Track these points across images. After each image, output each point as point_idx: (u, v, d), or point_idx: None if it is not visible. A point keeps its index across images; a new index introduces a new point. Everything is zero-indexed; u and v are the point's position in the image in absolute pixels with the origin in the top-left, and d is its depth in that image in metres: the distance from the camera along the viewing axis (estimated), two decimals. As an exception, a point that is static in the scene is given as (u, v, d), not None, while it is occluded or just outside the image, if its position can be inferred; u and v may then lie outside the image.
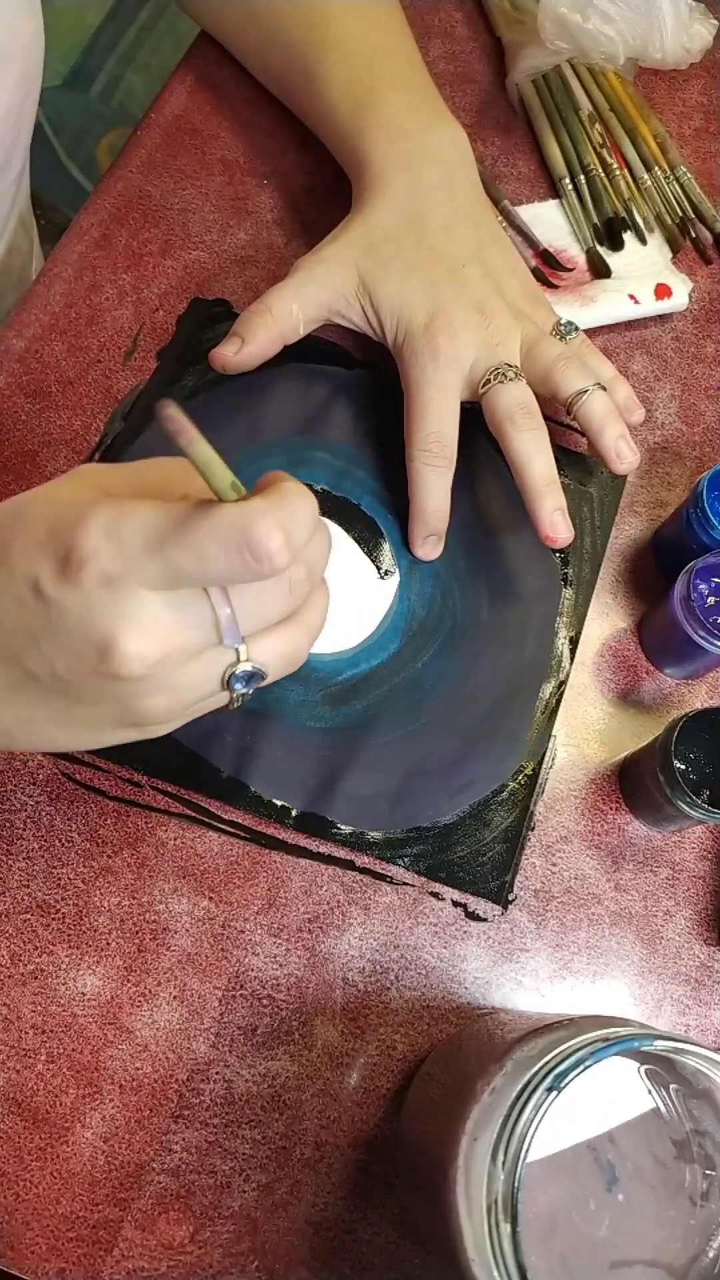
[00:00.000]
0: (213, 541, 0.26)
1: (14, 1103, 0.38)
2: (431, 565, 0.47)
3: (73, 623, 0.27)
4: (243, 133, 0.55)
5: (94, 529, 0.26)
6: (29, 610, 0.28)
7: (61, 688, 0.29)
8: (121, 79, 1.39)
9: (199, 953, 0.41)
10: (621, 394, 0.48)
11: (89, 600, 0.27)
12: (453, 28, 0.60)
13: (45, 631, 0.28)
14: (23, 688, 0.30)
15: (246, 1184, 0.38)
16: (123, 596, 0.27)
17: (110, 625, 0.27)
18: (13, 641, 0.29)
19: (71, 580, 0.27)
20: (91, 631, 0.27)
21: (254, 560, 0.26)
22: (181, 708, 0.30)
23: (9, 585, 0.28)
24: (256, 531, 0.26)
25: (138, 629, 0.27)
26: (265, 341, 0.45)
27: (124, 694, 0.29)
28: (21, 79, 0.46)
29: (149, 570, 0.27)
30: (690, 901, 0.44)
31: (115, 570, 0.26)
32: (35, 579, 0.27)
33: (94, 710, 0.30)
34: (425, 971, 0.42)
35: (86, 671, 0.28)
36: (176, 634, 0.28)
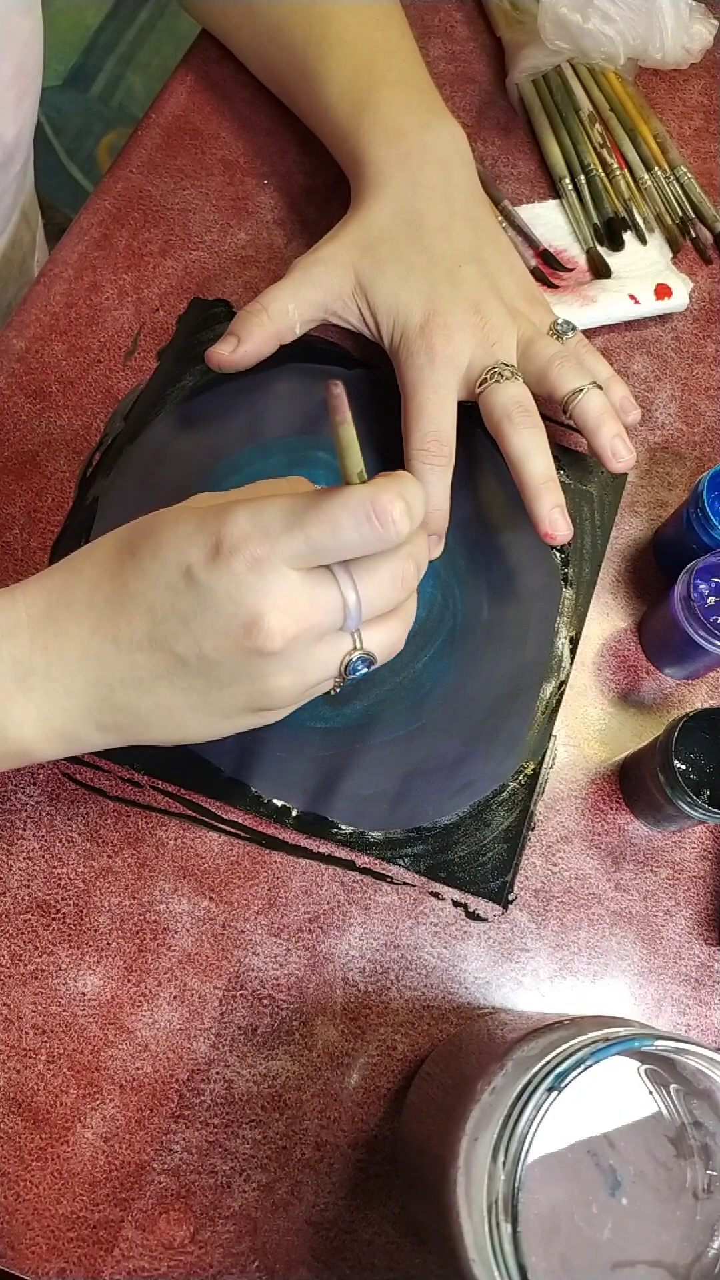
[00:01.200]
0: (344, 512, 0.30)
1: (14, 1103, 0.38)
2: (431, 565, 0.47)
3: (222, 601, 0.31)
4: (243, 133, 0.55)
5: (241, 517, 0.30)
6: (181, 595, 0.31)
7: (205, 669, 0.32)
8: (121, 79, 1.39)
9: (199, 953, 0.41)
10: (618, 393, 0.48)
11: (238, 581, 0.30)
12: (453, 27, 0.60)
13: (196, 613, 0.31)
14: (168, 673, 0.32)
15: (247, 1184, 0.38)
16: (267, 577, 0.30)
17: (257, 602, 0.30)
18: (164, 627, 0.32)
19: (222, 564, 0.30)
20: (240, 609, 0.30)
21: (380, 526, 0.30)
22: (302, 690, 0.33)
23: (162, 574, 0.31)
24: (381, 500, 0.30)
25: (279, 606, 0.30)
26: (260, 341, 0.46)
27: (260, 672, 0.32)
28: (19, 75, 0.46)
29: (290, 547, 0.30)
30: (690, 901, 0.44)
31: (261, 552, 0.30)
32: (188, 566, 0.31)
33: (229, 692, 0.33)
34: (425, 971, 0.42)
35: (231, 649, 0.31)
36: (312, 612, 0.31)
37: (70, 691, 0.33)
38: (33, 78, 0.48)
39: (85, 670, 0.33)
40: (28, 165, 0.57)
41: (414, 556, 0.33)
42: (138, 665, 0.32)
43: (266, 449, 0.48)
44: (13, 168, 0.52)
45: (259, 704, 0.33)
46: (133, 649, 0.32)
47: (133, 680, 0.33)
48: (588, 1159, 0.31)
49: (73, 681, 0.33)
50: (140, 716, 0.34)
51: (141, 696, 0.33)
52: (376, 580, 0.32)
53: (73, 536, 0.46)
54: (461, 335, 0.45)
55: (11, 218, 0.56)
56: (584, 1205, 0.30)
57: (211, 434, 0.48)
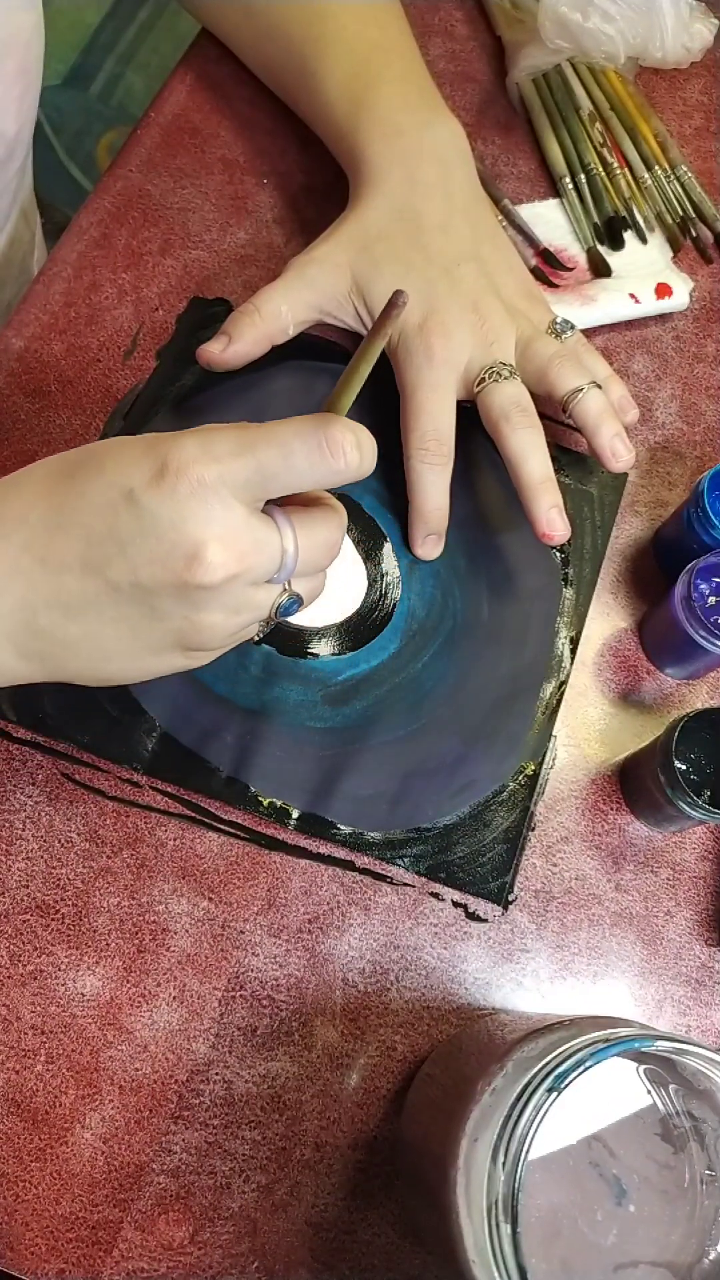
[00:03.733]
0: (298, 439, 0.30)
1: (13, 1103, 0.38)
2: (431, 565, 0.47)
3: (164, 528, 0.29)
4: (242, 132, 0.55)
5: (189, 441, 0.29)
6: (120, 518, 0.30)
7: (138, 597, 0.31)
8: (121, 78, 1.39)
9: (199, 953, 0.41)
10: (617, 393, 0.47)
11: (181, 507, 0.29)
12: (453, 26, 0.60)
13: (134, 537, 0.30)
14: (97, 600, 0.31)
15: (246, 1185, 0.38)
16: (212, 505, 0.29)
17: (199, 531, 0.29)
18: (99, 550, 0.30)
19: (167, 487, 0.29)
20: (181, 537, 0.29)
21: (331, 456, 0.30)
22: (232, 631, 0.33)
23: (103, 494, 0.30)
24: (334, 430, 0.30)
25: (223, 539, 0.29)
26: (252, 341, 0.45)
27: (193, 604, 0.31)
28: (21, 73, 0.46)
29: (239, 472, 0.29)
30: (691, 902, 0.44)
31: (209, 476, 0.29)
32: (130, 488, 0.29)
33: (160, 625, 0.32)
34: (425, 972, 0.42)
35: (167, 578, 0.30)
36: (253, 552, 0.30)
37: None
38: (34, 75, 0.48)
39: (10, 590, 0.31)
40: (27, 163, 0.57)
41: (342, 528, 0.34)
42: (66, 589, 0.31)
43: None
44: (13, 164, 0.51)
45: (188, 641, 0.32)
46: (62, 570, 0.31)
47: (59, 604, 0.31)
48: (590, 1170, 0.31)
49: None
50: (64, 645, 0.32)
51: (67, 623, 0.31)
52: (314, 540, 0.32)
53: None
54: (460, 334, 0.45)
55: (11, 215, 0.56)
56: (588, 1212, 0.30)
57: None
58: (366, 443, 0.31)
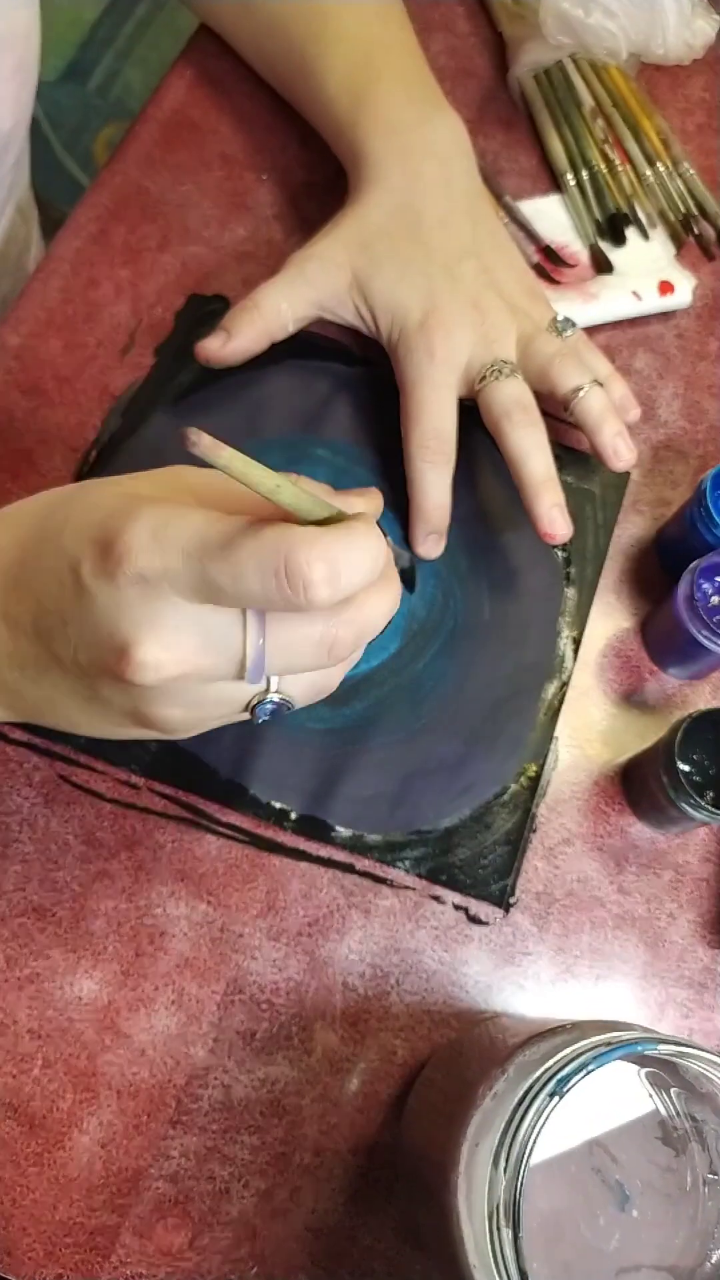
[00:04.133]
0: (252, 560, 0.25)
1: (10, 1108, 0.38)
2: (432, 565, 0.47)
3: (100, 617, 0.27)
4: (241, 127, 0.55)
5: (141, 526, 0.26)
6: (66, 594, 0.28)
7: (84, 677, 0.29)
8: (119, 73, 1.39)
9: (197, 957, 0.40)
10: (618, 391, 0.47)
11: (119, 597, 0.26)
12: (454, 22, 0.60)
13: (74, 618, 0.28)
14: (49, 669, 0.30)
15: (245, 1190, 0.38)
16: (152, 601, 0.26)
17: (132, 629, 0.26)
18: (48, 620, 0.29)
19: (108, 573, 0.26)
20: (115, 630, 0.27)
21: (289, 588, 0.25)
22: (199, 722, 0.30)
23: (55, 564, 0.28)
24: (297, 558, 0.24)
25: (158, 640, 0.26)
26: (251, 338, 0.45)
27: (138, 699, 0.28)
28: (18, 69, 0.46)
29: (183, 577, 0.26)
30: (694, 904, 0.44)
31: (151, 570, 0.26)
32: (77, 564, 0.27)
33: (109, 707, 0.30)
34: (426, 976, 0.41)
35: (104, 670, 0.28)
36: (199, 655, 0.27)
37: None
38: (31, 70, 0.48)
39: None
40: (23, 158, 0.56)
41: (355, 624, 0.28)
42: (22, 651, 0.30)
43: (265, 445, 0.48)
44: (8, 159, 0.51)
45: (149, 726, 0.30)
46: (18, 632, 0.30)
47: (19, 664, 0.30)
48: (593, 1176, 0.31)
49: None
50: (30, 702, 0.32)
51: (28, 683, 0.31)
52: (292, 641, 0.27)
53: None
54: (461, 332, 0.44)
55: (6, 211, 0.56)
56: (590, 1217, 0.30)
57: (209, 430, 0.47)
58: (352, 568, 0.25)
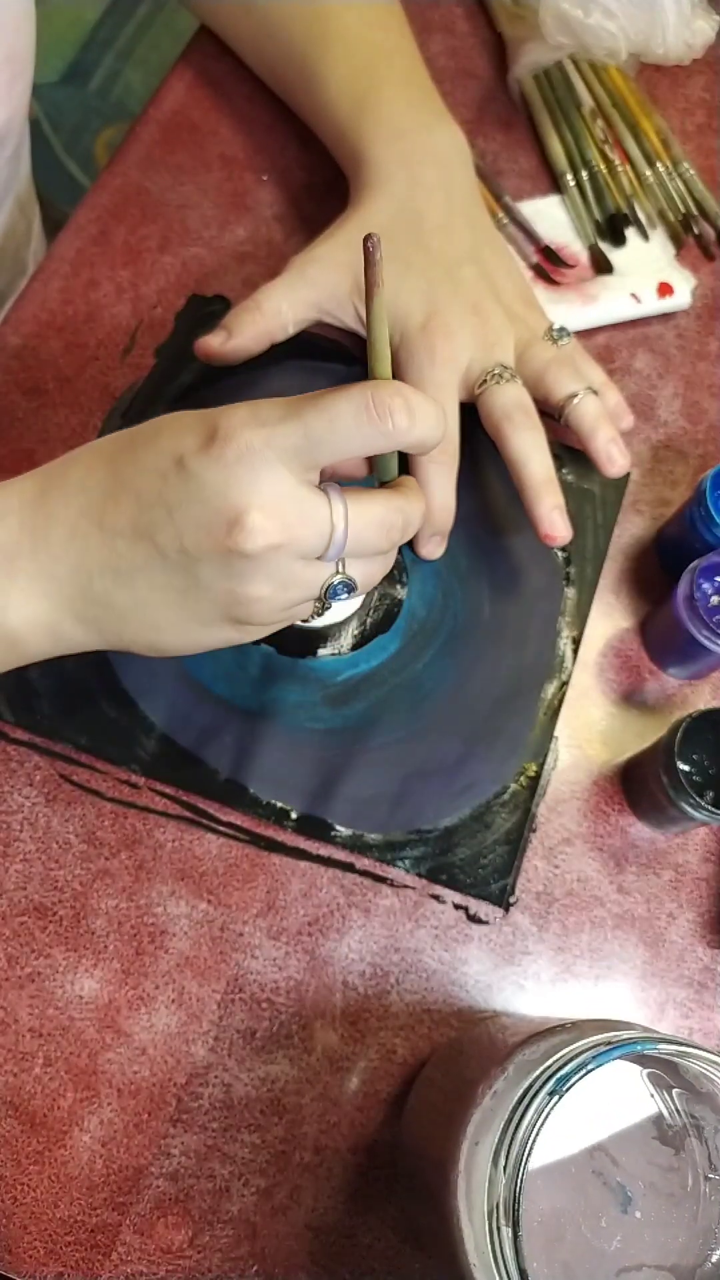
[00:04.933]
0: (344, 403, 0.30)
1: (11, 1106, 0.38)
2: (432, 565, 0.47)
3: (209, 494, 0.30)
4: (242, 128, 0.55)
5: (241, 409, 0.30)
6: (170, 483, 0.30)
7: (184, 565, 0.31)
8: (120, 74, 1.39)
9: (197, 956, 0.40)
10: (612, 399, 0.47)
11: (228, 474, 0.29)
12: (454, 23, 0.60)
13: (181, 503, 0.30)
14: (147, 565, 0.31)
15: (245, 1188, 0.38)
16: (259, 471, 0.29)
17: (242, 498, 0.29)
18: (149, 515, 0.31)
19: (215, 453, 0.29)
20: (225, 503, 0.30)
21: (379, 419, 0.30)
22: (281, 606, 0.32)
23: (156, 460, 0.31)
24: (382, 394, 0.30)
25: (265, 507, 0.30)
26: (251, 337, 0.45)
27: (238, 574, 0.31)
28: (10, 60, 0.46)
29: (286, 438, 0.29)
30: (694, 904, 0.44)
31: (256, 441, 0.29)
32: (180, 454, 0.30)
33: (206, 595, 0.32)
34: (426, 975, 0.41)
35: (211, 545, 0.30)
36: (298, 524, 0.30)
37: (53, 576, 0.32)
38: (24, 63, 0.48)
39: (69, 554, 0.32)
40: (21, 151, 0.56)
41: (404, 512, 0.33)
42: (118, 553, 0.31)
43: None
44: (4, 151, 0.51)
45: (236, 613, 0.32)
46: (115, 535, 0.31)
47: (112, 569, 0.32)
48: (594, 1179, 0.31)
49: (56, 565, 0.32)
50: (117, 611, 0.33)
51: (119, 588, 0.32)
52: (366, 519, 0.32)
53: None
54: (461, 336, 0.45)
55: (4, 204, 0.56)
56: (592, 1219, 0.30)
57: None
58: (421, 406, 0.30)
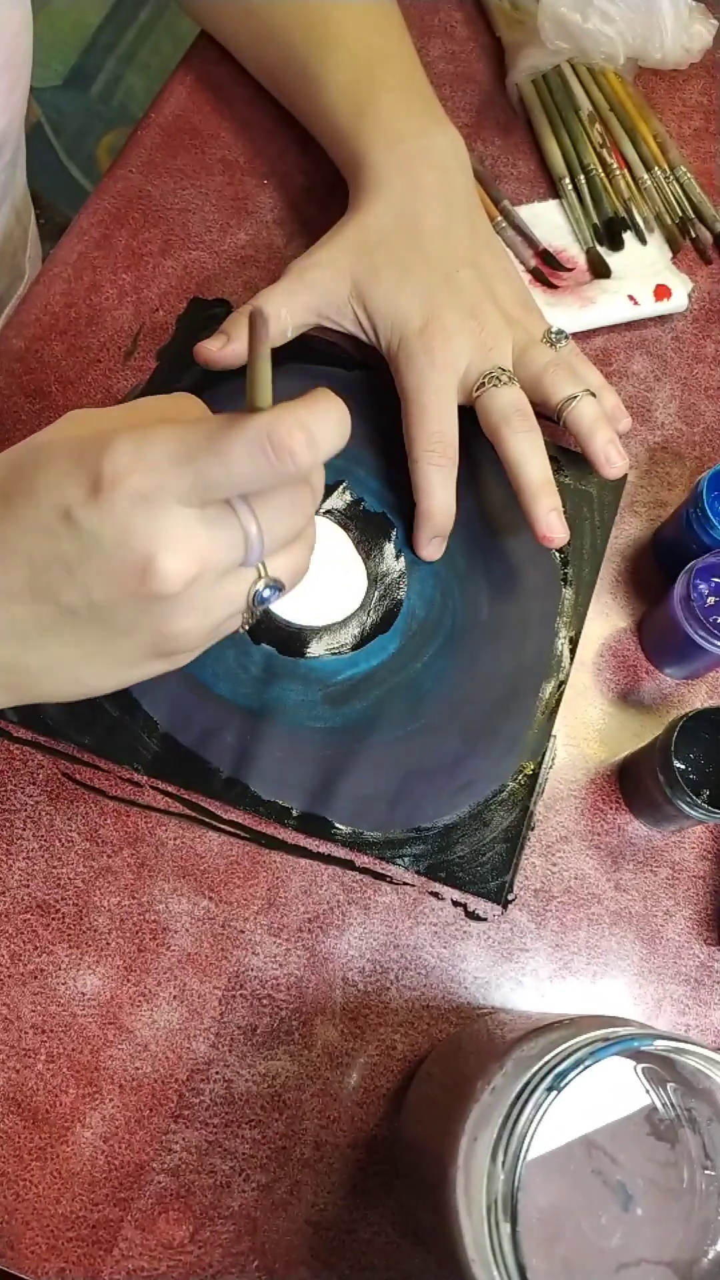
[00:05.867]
0: (239, 444, 0.27)
1: (14, 1102, 0.38)
2: (431, 565, 0.47)
3: (109, 546, 0.27)
4: (243, 133, 0.55)
5: (121, 450, 0.27)
6: (61, 540, 0.28)
7: (98, 617, 0.29)
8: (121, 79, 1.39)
9: (199, 952, 0.41)
10: (609, 402, 0.48)
11: (123, 520, 0.27)
12: (452, 27, 0.60)
13: (80, 559, 0.28)
14: (55, 625, 0.30)
15: (246, 1184, 0.38)
16: (156, 514, 0.27)
17: (147, 544, 0.27)
18: (45, 576, 0.29)
19: (104, 502, 0.27)
20: (130, 552, 0.27)
21: (277, 459, 0.27)
22: (209, 630, 0.31)
23: (37, 518, 0.28)
24: (279, 431, 0.26)
25: (173, 546, 0.27)
26: None
27: (160, 614, 0.29)
28: (8, 66, 0.46)
29: (179, 483, 0.27)
30: (690, 901, 0.44)
31: (147, 487, 0.27)
32: (66, 507, 0.27)
33: (128, 640, 0.30)
34: (425, 971, 0.42)
35: (124, 595, 0.28)
36: (210, 550, 0.28)
37: None
38: (22, 69, 0.48)
39: None
40: (18, 158, 0.56)
41: (309, 481, 0.31)
42: (18, 619, 0.30)
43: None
44: (2, 157, 0.52)
45: (163, 649, 0.31)
46: (11, 601, 0.29)
47: (14, 635, 0.30)
48: (594, 1178, 0.31)
49: None
50: (30, 674, 0.31)
51: (27, 651, 0.30)
52: (275, 508, 0.29)
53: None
54: (460, 339, 0.45)
55: (2, 210, 0.56)
56: (592, 1216, 0.30)
57: None
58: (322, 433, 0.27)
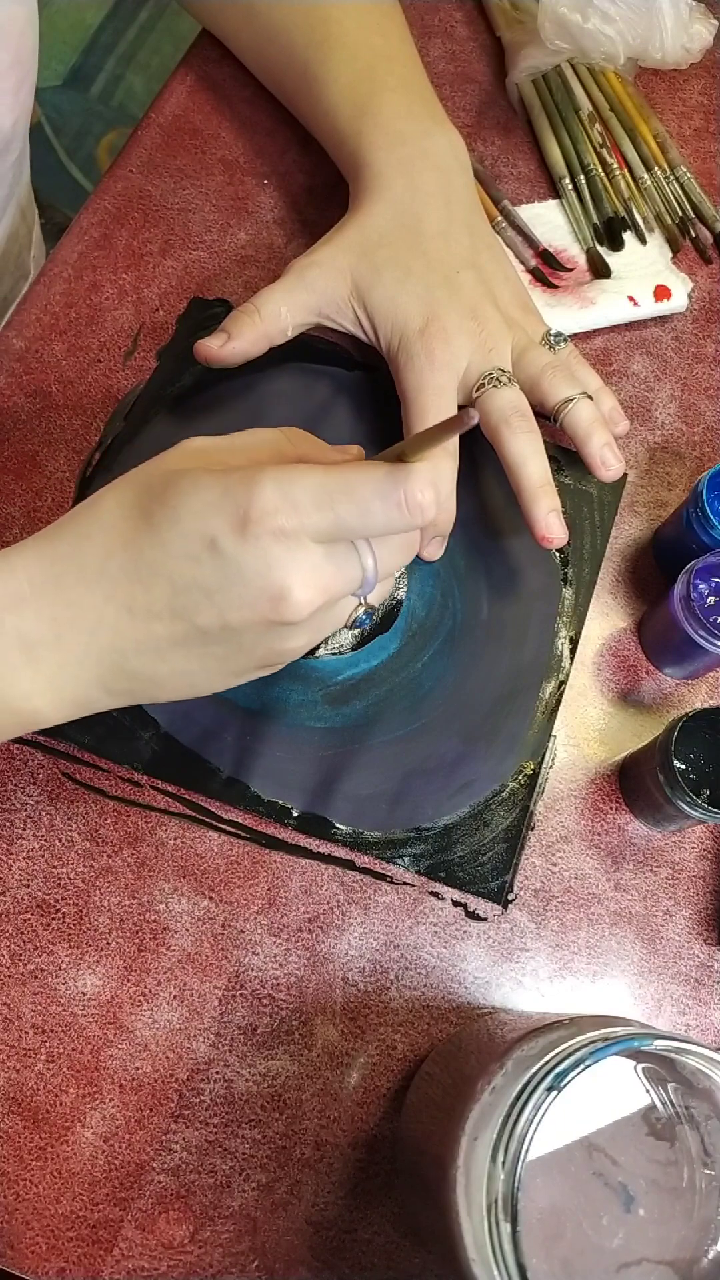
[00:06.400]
0: (377, 497, 0.31)
1: (14, 1102, 0.38)
2: (431, 565, 0.47)
3: (250, 575, 0.31)
4: (243, 132, 0.55)
5: (269, 492, 0.30)
6: (204, 567, 0.31)
7: (226, 637, 0.32)
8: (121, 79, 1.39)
9: (199, 952, 0.41)
10: (607, 404, 0.48)
11: (266, 556, 0.31)
12: (453, 27, 0.60)
13: (221, 586, 0.31)
14: (186, 642, 0.33)
15: (246, 1184, 0.38)
16: (295, 550, 0.31)
17: (284, 576, 0.31)
18: (185, 598, 0.32)
19: (250, 538, 0.30)
20: (267, 582, 0.31)
21: (409, 513, 0.31)
22: (311, 645, 0.35)
23: (184, 545, 0.31)
24: (414, 487, 0.31)
25: (305, 580, 0.31)
26: (250, 341, 0.46)
27: (280, 636, 0.33)
28: (15, 64, 0.46)
29: (318, 525, 0.31)
30: (690, 901, 0.44)
31: (290, 525, 0.30)
32: (212, 537, 0.31)
33: (246, 656, 0.34)
34: (425, 971, 0.42)
35: (256, 620, 0.32)
36: (335, 583, 0.32)
37: (82, 661, 0.33)
38: (28, 67, 0.48)
39: (98, 639, 0.33)
40: (23, 157, 0.56)
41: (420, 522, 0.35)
42: (155, 634, 0.32)
43: (266, 449, 0.48)
44: (9, 156, 0.52)
45: (271, 661, 0.35)
46: (150, 618, 0.32)
47: (150, 649, 0.33)
48: (595, 1180, 0.31)
49: (85, 651, 0.33)
50: (155, 681, 0.34)
51: (158, 663, 0.33)
52: (390, 549, 0.34)
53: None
54: (459, 340, 0.45)
55: (7, 210, 0.56)
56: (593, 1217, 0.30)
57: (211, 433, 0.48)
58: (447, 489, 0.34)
